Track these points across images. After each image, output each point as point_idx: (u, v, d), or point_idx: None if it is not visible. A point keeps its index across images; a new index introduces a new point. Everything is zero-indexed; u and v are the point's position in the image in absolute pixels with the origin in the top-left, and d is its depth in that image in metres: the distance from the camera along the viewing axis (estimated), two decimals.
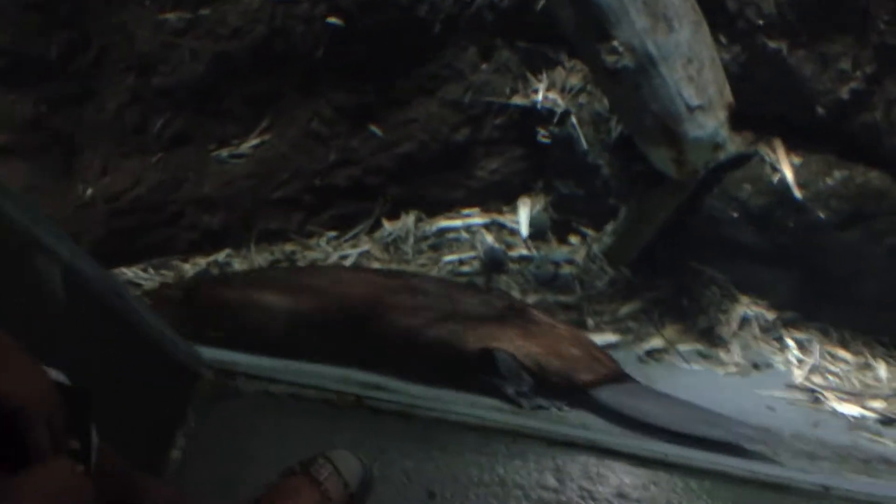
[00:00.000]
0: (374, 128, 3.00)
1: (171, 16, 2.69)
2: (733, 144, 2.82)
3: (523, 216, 3.29)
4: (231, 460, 2.03)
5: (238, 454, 2.04)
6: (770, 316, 2.99)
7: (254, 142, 2.94)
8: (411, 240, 3.18)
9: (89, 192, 2.82)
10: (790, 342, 2.97)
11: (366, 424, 2.13)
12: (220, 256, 3.05)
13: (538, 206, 3.29)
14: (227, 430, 2.11)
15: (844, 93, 2.62)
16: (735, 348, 2.99)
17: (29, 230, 1.56)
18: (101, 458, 1.28)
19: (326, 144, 3.00)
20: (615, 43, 2.54)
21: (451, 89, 3.07)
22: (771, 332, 2.99)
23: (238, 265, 3.03)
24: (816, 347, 2.94)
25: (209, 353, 2.20)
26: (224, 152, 2.93)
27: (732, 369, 2.94)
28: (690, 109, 2.65)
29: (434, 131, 3.07)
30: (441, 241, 3.23)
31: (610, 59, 2.57)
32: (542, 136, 3.13)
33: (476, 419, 2.17)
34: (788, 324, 2.98)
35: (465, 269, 3.15)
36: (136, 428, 1.76)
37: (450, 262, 3.16)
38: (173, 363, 2.03)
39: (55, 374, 1.23)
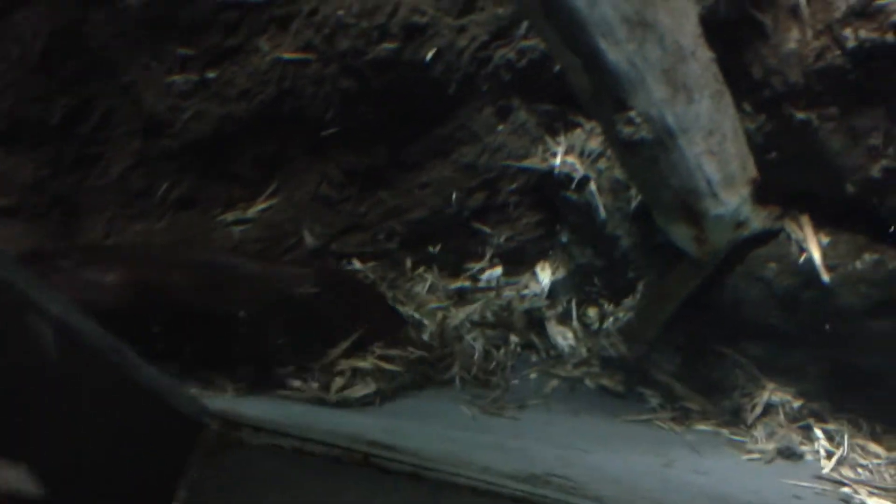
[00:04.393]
0: (382, 193, 2.94)
1: (177, 78, 2.66)
2: (758, 220, 2.67)
3: (545, 281, 3.19)
4: None
5: None
6: (797, 403, 2.82)
7: (261, 206, 2.89)
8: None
9: None
10: (818, 432, 2.79)
11: (373, 484, 2.07)
12: None
13: (556, 275, 3.19)
14: (230, 482, 2.06)
15: (876, 171, 2.46)
16: (759, 434, 2.83)
17: (17, 288, 1.56)
18: None
19: (335, 209, 2.93)
20: (632, 113, 2.42)
21: (466, 152, 2.99)
22: (798, 420, 2.82)
23: None
24: (846, 439, 2.76)
25: (216, 402, 2.16)
26: (230, 216, 2.89)
27: (756, 455, 2.78)
28: (711, 185, 2.51)
29: (448, 196, 2.99)
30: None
31: (626, 131, 2.45)
32: (560, 202, 3.03)
33: (486, 485, 2.09)
34: (816, 413, 2.81)
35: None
36: (137, 480, 1.78)
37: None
38: (176, 414, 2.00)
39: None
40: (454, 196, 2.97)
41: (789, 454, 2.80)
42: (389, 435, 2.54)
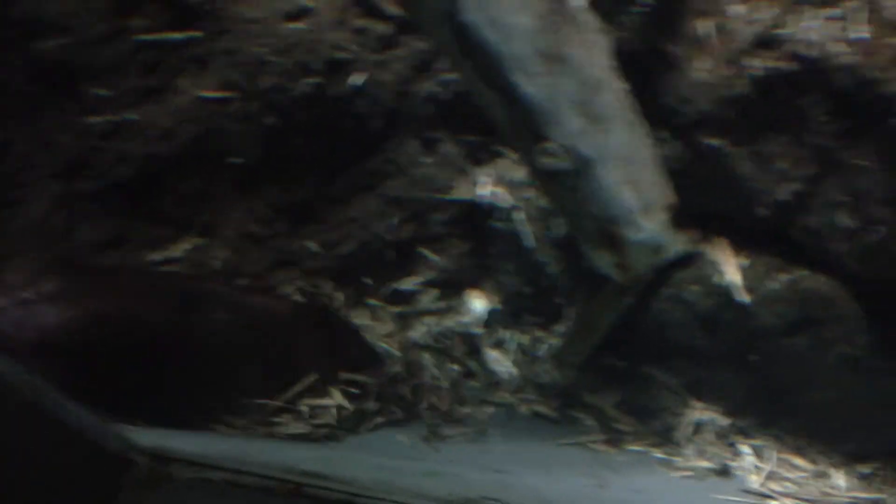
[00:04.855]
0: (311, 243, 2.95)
1: (96, 119, 2.65)
2: (678, 243, 2.76)
3: (479, 310, 3.22)
4: None
5: None
6: (724, 421, 2.88)
7: (187, 245, 2.88)
8: None
9: None
10: (745, 448, 2.86)
11: None
12: None
13: (490, 303, 3.23)
14: None
15: (784, 194, 2.56)
16: (690, 453, 2.89)
17: None
18: None
19: (264, 245, 2.94)
20: (550, 145, 2.49)
21: (393, 185, 3.01)
22: (725, 437, 2.89)
23: None
24: (772, 454, 2.84)
25: (146, 437, 2.11)
26: (157, 255, 2.87)
27: (687, 473, 2.84)
28: (630, 212, 2.59)
29: (376, 229, 3.01)
30: None
31: (545, 161, 2.52)
32: (489, 231, 3.07)
33: None
34: (743, 430, 2.88)
35: None
36: None
37: None
38: (101, 452, 1.94)
39: None
40: (382, 228, 3.00)
41: (719, 471, 2.88)
42: (324, 465, 2.54)
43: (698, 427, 2.93)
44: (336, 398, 2.75)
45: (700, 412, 2.95)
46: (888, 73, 2.24)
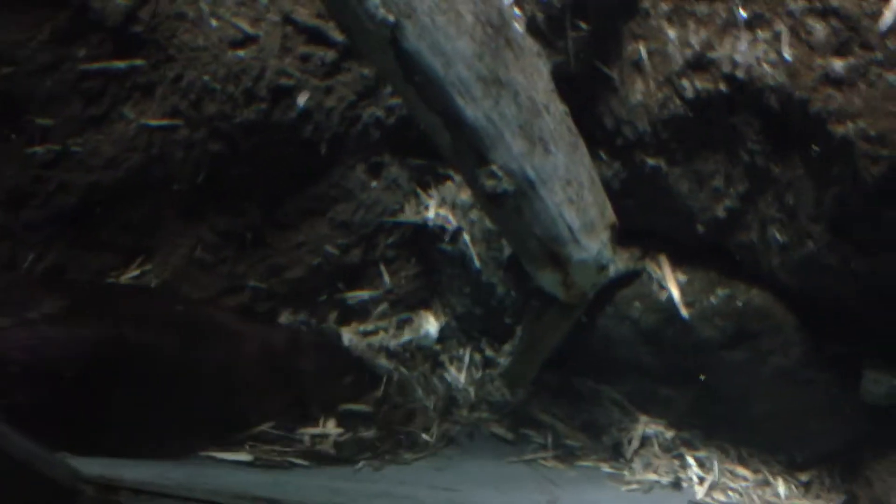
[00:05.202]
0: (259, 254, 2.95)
1: (38, 149, 2.62)
2: (621, 261, 2.82)
3: (431, 331, 3.24)
4: None
5: None
6: (669, 434, 2.96)
7: (134, 272, 2.84)
8: None
9: None
10: (690, 460, 2.94)
11: None
12: None
13: (441, 324, 3.25)
14: None
15: (720, 211, 2.64)
16: (637, 466, 2.95)
17: None
18: None
19: (212, 272, 2.92)
20: (493, 167, 2.52)
21: (341, 209, 3.02)
22: (671, 450, 2.96)
23: None
24: (716, 465, 2.92)
25: (93, 467, 2.08)
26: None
27: (635, 486, 2.90)
28: (573, 232, 2.63)
29: (325, 253, 3.02)
30: None
31: (489, 184, 2.55)
32: (437, 253, 3.10)
33: None
34: (688, 442, 2.96)
35: None
36: None
37: None
38: (47, 482, 1.91)
39: None
40: (331, 253, 3.01)
41: (666, 483, 2.93)
42: (277, 489, 2.52)
43: (645, 440, 2.99)
44: (331, 428, 2.77)
45: (646, 426, 3.01)
46: (814, 94, 2.32)
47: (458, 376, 3.14)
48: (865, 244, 2.41)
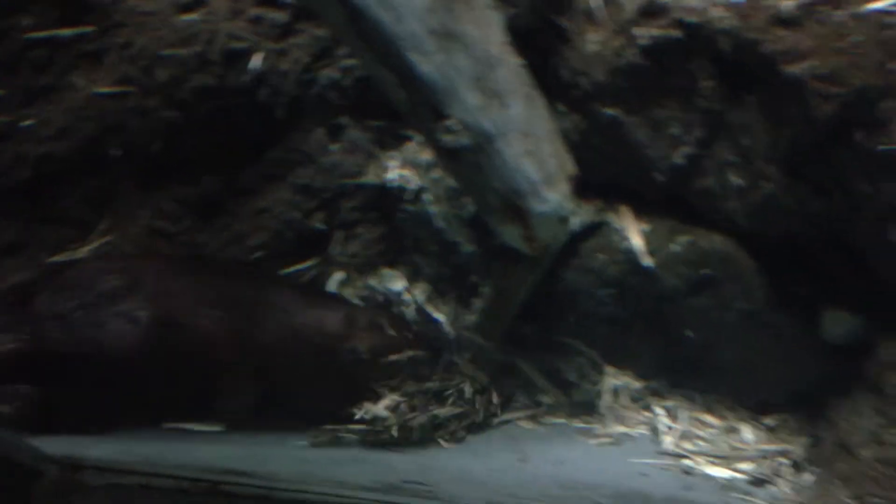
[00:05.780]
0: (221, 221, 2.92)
1: None
2: (582, 214, 2.82)
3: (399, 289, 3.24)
4: None
5: None
6: (638, 385, 2.97)
7: (94, 244, 2.82)
8: None
9: None
10: (659, 410, 2.95)
11: None
12: None
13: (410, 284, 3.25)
14: None
15: (678, 158, 2.64)
16: (607, 419, 2.97)
17: None
18: None
19: (173, 241, 2.90)
20: (449, 122, 2.52)
21: (302, 173, 3.01)
22: (640, 401, 2.97)
23: None
24: (684, 414, 2.93)
25: (57, 446, 2.09)
26: (62, 258, 2.80)
27: (606, 440, 2.92)
28: (533, 184, 2.64)
29: (287, 219, 3.01)
30: None
31: (446, 139, 2.55)
32: (400, 214, 3.09)
33: (338, 498, 2.12)
34: (656, 392, 2.97)
35: None
36: None
37: None
38: (9, 464, 1.93)
39: None
40: (293, 218, 3.00)
41: (635, 435, 2.95)
42: (248, 462, 2.53)
43: (614, 393, 3.01)
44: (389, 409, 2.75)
45: (615, 378, 3.02)
46: (764, 35, 2.33)
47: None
48: (820, 184, 2.43)
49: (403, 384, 2.80)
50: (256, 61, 2.79)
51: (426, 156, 3.06)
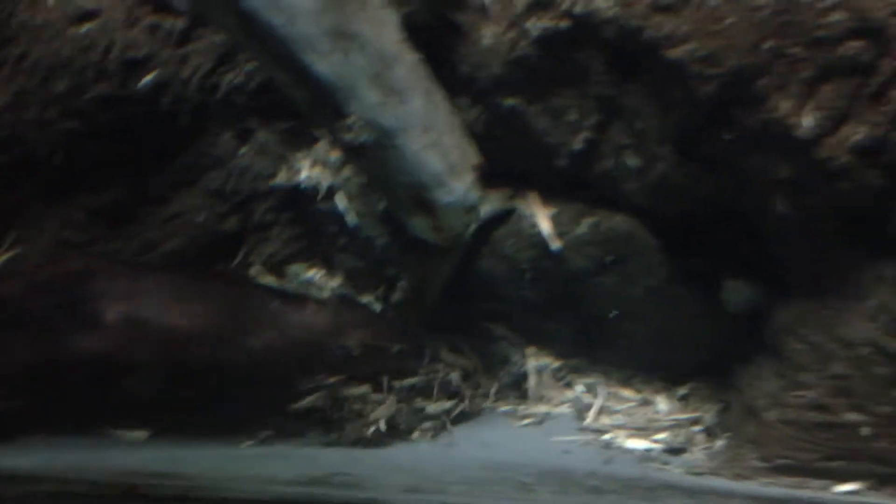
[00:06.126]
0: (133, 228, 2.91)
1: None
2: (491, 203, 2.89)
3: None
4: None
5: None
6: (557, 364, 3.06)
7: (2, 258, 2.79)
8: None
9: None
10: (578, 387, 3.05)
11: None
12: None
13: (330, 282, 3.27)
14: None
15: (578, 143, 2.71)
16: (530, 400, 3.05)
17: None
18: None
19: (84, 250, 2.88)
20: (350, 120, 2.56)
21: (212, 178, 3.01)
22: (562, 380, 3.06)
23: None
24: (602, 390, 3.04)
25: None
26: None
27: (530, 420, 3.00)
28: (437, 176, 2.69)
29: (200, 223, 3.01)
30: None
31: (349, 136, 2.58)
32: (315, 213, 3.12)
33: (258, 494, 2.14)
34: (575, 370, 3.06)
35: None
36: None
37: None
38: None
39: None
40: (206, 222, 3.00)
41: (557, 412, 3.03)
42: (173, 464, 2.53)
43: (538, 373, 3.09)
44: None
45: (537, 359, 3.10)
46: (645, 21, 2.40)
47: None
48: (709, 162, 2.53)
49: (392, 379, 2.82)
50: (149, 79, 2.79)
51: (336, 155, 3.09)
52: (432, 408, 2.87)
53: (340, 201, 3.03)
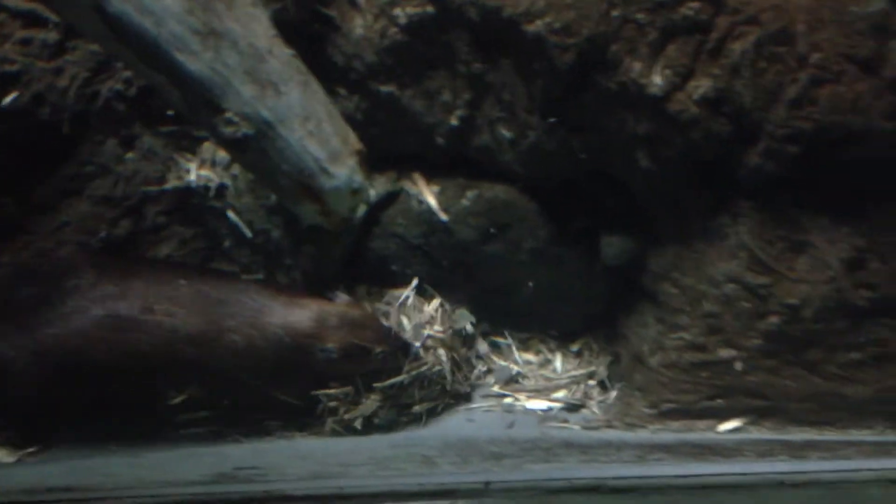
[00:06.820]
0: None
1: None
2: (379, 185, 2.98)
3: None
4: None
5: None
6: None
7: None
8: None
9: None
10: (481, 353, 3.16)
11: None
12: None
13: None
14: None
15: (453, 121, 2.83)
16: None
17: None
18: None
19: None
20: (228, 114, 2.60)
21: (99, 185, 3.02)
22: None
23: None
24: (504, 354, 3.16)
25: None
26: None
27: None
28: (319, 163, 2.77)
29: (91, 231, 3.01)
30: None
31: (228, 131, 2.63)
32: (208, 212, 3.15)
33: (160, 497, 2.13)
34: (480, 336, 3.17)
35: None
36: None
37: None
38: None
39: None
40: (97, 228, 3.01)
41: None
42: (73, 476, 2.50)
43: None
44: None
45: None
46: (504, 0, 2.53)
47: None
48: (575, 126, 2.67)
49: (375, 379, 2.84)
50: (9, 100, 2.80)
51: (223, 154, 3.13)
52: (415, 405, 2.89)
53: (232, 197, 3.09)
